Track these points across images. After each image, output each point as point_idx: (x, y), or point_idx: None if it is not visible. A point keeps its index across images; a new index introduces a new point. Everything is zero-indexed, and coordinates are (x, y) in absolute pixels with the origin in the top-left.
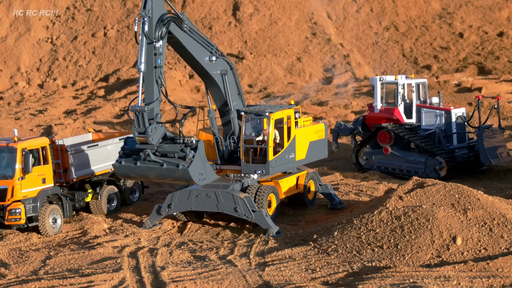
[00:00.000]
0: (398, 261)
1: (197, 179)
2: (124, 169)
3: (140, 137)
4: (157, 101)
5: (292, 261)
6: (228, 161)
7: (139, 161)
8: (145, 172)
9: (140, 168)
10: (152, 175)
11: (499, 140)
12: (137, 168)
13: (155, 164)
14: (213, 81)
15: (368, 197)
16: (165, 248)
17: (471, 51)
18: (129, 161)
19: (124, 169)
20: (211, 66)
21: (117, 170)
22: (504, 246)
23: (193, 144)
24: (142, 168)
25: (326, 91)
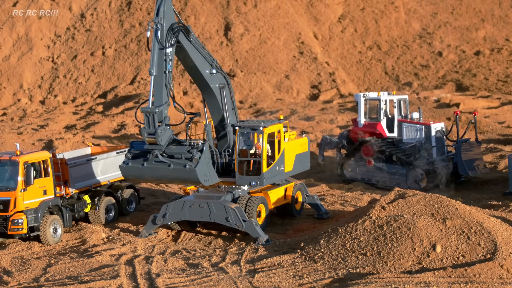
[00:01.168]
0: (381, 267)
1: (202, 179)
2: (131, 170)
3: (150, 138)
4: (165, 105)
5: (281, 268)
6: (222, 173)
7: (146, 162)
8: (151, 172)
9: (147, 169)
10: (159, 175)
11: (476, 153)
12: (144, 169)
13: (163, 164)
14: (212, 94)
15: (352, 207)
16: (160, 256)
17: (449, 69)
18: (136, 163)
19: (131, 170)
20: (211, 79)
21: (124, 171)
22: (481, 253)
23: (199, 146)
24: (149, 169)
25: (312, 107)
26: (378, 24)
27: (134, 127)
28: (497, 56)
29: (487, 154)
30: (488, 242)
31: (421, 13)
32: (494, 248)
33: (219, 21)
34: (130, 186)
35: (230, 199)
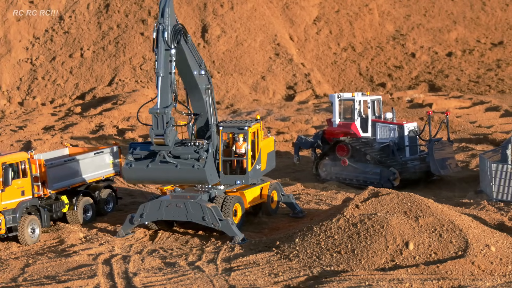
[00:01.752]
0: (355, 265)
1: (209, 179)
2: (134, 172)
3: (158, 139)
4: (171, 105)
5: (256, 266)
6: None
7: (151, 164)
8: (157, 174)
9: (153, 170)
10: (165, 176)
11: (448, 152)
12: (149, 170)
13: (169, 165)
14: (199, 95)
15: (327, 206)
16: (137, 255)
17: (422, 70)
18: (140, 164)
19: (134, 172)
20: (200, 80)
21: (127, 173)
22: (452, 250)
23: (205, 146)
24: (154, 170)
25: (288, 107)
26: (353, 26)
27: (112, 128)
28: (468, 57)
29: (459, 153)
30: (459, 239)
31: (395, 15)
32: (466, 245)
33: (196, 23)
34: (108, 186)
35: (206, 198)
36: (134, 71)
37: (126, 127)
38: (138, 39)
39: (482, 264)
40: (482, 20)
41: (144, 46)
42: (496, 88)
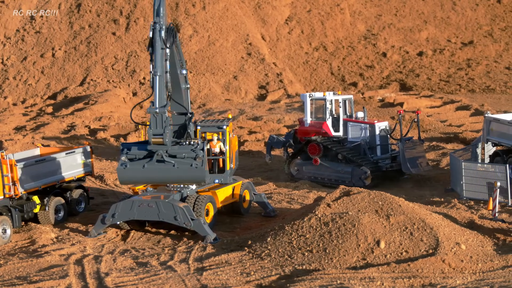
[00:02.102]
0: (327, 264)
1: (206, 177)
2: (130, 172)
3: (156, 138)
4: (167, 104)
5: (228, 266)
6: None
7: (147, 164)
8: (154, 174)
9: (149, 171)
10: (161, 177)
11: (419, 151)
12: (145, 170)
13: (166, 165)
14: (180, 94)
15: (299, 205)
16: (109, 255)
17: (393, 69)
18: (135, 165)
19: (130, 172)
20: (182, 79)
21: (122, 174)
22: (423, 248)
23: (200, 145)
24: (151, 171)
25: (260, 107)
26: (324, 25)
27: (83, 128)
28: (439, 57)
29: (429, 152)
30: (430, 237)
31: (366, 15)
32: (436, 243)
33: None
34: (80, 186)
35: (178, 198)
36: (106, 71)
37: (98, 127)
38: (110, 39)
39: (453, 262)
40: (453, 19)
41: (116, 46)
42: (467, 88)
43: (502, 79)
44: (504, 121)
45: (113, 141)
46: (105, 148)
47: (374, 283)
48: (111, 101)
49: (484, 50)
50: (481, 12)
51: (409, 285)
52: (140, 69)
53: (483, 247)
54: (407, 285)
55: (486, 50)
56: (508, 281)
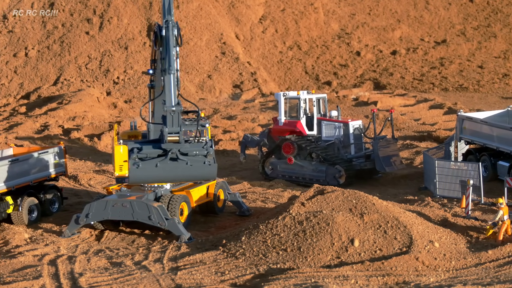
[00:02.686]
0: (301, 262)
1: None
2: (142, 172)
3: (172, 137)
4: (179, 103)
5: (203, 265)
6: None
7: (160, 162)
8: (166, 172)
9: (162, 169)
10: (174, 175)
11: (392, 150)
12: (158, 169)
13: (179, 163)
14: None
15: (273, 204)
16: (83, 256)
17: (367, 68)
18: (148, 164)
19: (142, 172)
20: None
21: (136, 174)
22: (397, 246)
23: (209, 142)
24: (163, 169)
25: (235, 106)
26: (298, 24)
27: (57, 128)
28: (412, 56)
29: (403, 151)
30: (404, 235)
31: (340, 14)
32: (410, 241)
33: (142, 22)
34: (53, 186)
35: (152, 198)
36: (79, 70)
37: (71, 126)
38: (83, 38)
39: (426, 260)
40: (426, 18)
41: (90, 45)
42: (440, 86)
43: (475, 77)
44: (476, 120)
45: (87, 141)
46: (79, 148)
47: (348, 282)
48: (84, 100)
49: (457, 49)
50: (453, 11)
51: (383, 283)
52: (114, 68)
53: (456, 244)
54: (381, 283)
55: (459, 49)
56: (481, 278)
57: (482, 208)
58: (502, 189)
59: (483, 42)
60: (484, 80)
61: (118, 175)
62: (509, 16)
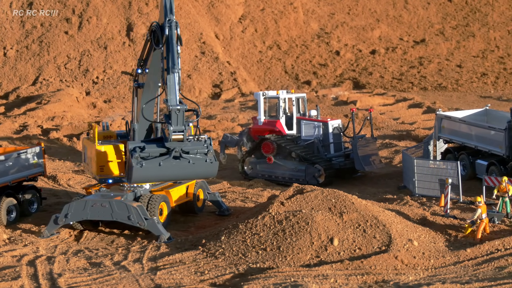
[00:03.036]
0: (281, 262)
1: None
2: (147, 171)
3: (177, 135)
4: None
5: (183, 265)
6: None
7: (163, 161)
8: (169, 171)
9: (165, 168)
10: (176, 173)
11: (372, 149)
12: (161, 168)
13: (182, 161)
14: (153, 93)
15: (253, 203)
16: (62, 256)
17: (346, 68)
18: (152, 163)
19: (147, 171)
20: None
21: (139, 173)
22: (376, 245)
23: (208, 140)
24: (166, 168)
25: (214, 106)
26: (278, 24)
27: (36, 128)
28: (391, 55)
29: (382, 150)
30: (383, 234)
31: (319, 13)
32: (389, 240)
33: (121, 22)
34: (32, 186)
35: (132, 197)
36: (58, 70)
37: (50, 126)
38: (62, 37)
39: (405, 259)
40: (405, 18)
41: (69, 45)
42: (419, 85)
43: (454, 76)
44: (455, 119)
45: (66, 141)
46: (58, 148)
47: (328, 281)
48: (64, 100)
49: (435, 48)
50: (432, 10)
51: (362, 282)
52: (93, 68)
53: (435, 243)
54: (360, 282)
55: (437, 48)
56: (459, 276)
57: (461, 206)
58: (480, 187)
59: (462, 41)
60: (462, 79)
61: (99, 176)
62: (487, 16)
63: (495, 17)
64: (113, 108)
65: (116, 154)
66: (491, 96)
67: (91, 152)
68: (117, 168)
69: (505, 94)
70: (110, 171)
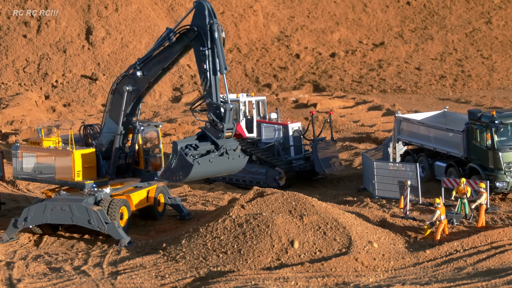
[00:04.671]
0: (241, 265)
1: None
2: (202, 168)
3: (229, 133)
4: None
5: (143, 269)
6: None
7: (212, 158)
8: (215, 167)
9: (213, 165)
10: (218, 169)
11: (332, 151)
12: (212, 165)
13: (224, 158)
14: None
15: (214, 207)
16: (21, 261)
17: (307, 71)
18: (204, 160)
19: (202, 168)
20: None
21: (196, 170)
22: (337, 247)
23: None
24: (214, 164)
25: (175, 109)
26: (238, 27)
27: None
28: (351, 58)
29: (342, 152)
30: (343, 236)
31: (279, 16)
32: (349, 242)
33: (81, 25)
34: None
35: (92, 201)
36: (17, 74)
37: (9, 131)
38: (21, 41)
39: (366, 261)
40: (364, 21)
41: (27, 49)
42: (378, 88)
43: (413, 79)
44: (414, 121)
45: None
46: None
47: (289, 283)
48: (22, 104)
49: (394, 51)
50: (391, 13)
51: (323, 284)
52: (53, 72)
53: (395, 245)
54: (321, 284)
55: (396, 51)
56: (419, 277)
57: (420, 208)
58: (439, 189)
59: (420, 44)
60: (421, 81)
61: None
62: (445, 19)
63: (453, 20)
64: (72, 112)
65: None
66: (450, 98)
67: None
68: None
69: (463, 96)
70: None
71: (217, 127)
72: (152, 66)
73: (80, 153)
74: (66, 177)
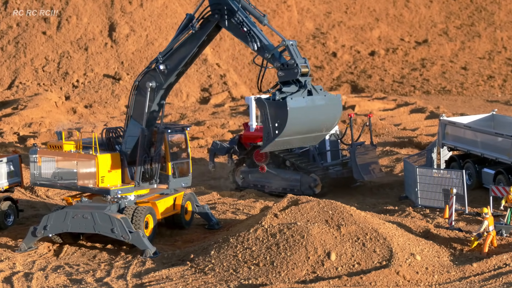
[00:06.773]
0: (274, 278)
1: None
2: (297, 113)
3: (305, 67)
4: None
5: (169, 282)
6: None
7: (302, 93)
8: (311, 113)
9: (307, 109)
10: (316, 115)
11: (371, 157)
12: (306, 109)
13: (315, 97)
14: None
15: (245, 216)
16: (40, 272)
17: (344, 70)
18: (297, 96)
19: (297, 113)
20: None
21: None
22: (376, 260)
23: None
24: (308, 108)
25: (203, 111)
26: (271, 23)
27: (12, 135)
28: (392, 57)
29: (382, 158)
30: (383, 248)
31: (315, 12)
32: (390, 254)
33: (103, 21)
34: (8, 198)
35: (115, 209)
36: (36, 73)
37: (27, 133)
38: (40, 38)
39: (407, 274)
40: (406, 17)
41: (47, 46)
42: (421, 89)
43: (458, 79)
44: (460, 125)
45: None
46: None
47: None
48: (41, 105)
49: (439, 49)
50: (435, 9)
51: None
52: (73, 71)
53: (439, 257)
54: None
55: (441, 49)
56: None
57: (466, 218)
58: (487, 198)
59: (467, 42)
60: (468, 82)
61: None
62: (493, 15)
63: (502, 16)
64: (94, 113)
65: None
66: (498, 100)
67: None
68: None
69: None
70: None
71: (289, 66)
72: (176, 57)
73: (105, 158)
74: (89, 183)
